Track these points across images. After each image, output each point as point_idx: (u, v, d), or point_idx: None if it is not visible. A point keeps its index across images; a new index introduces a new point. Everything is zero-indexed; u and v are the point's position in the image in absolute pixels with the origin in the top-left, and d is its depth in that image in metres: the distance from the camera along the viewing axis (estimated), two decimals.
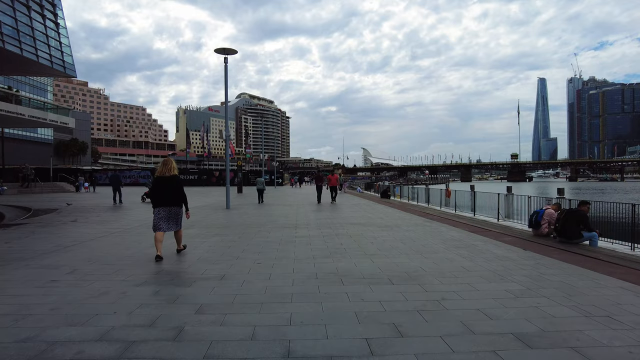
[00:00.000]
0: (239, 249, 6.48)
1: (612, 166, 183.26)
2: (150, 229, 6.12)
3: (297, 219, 10.96)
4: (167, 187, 5.75)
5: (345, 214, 12.52)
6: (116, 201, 17.62)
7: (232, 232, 8.41)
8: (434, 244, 6.88)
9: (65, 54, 41.68)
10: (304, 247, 6.63)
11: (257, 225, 9.56)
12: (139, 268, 5.09)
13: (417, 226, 9.47)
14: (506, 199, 14.77)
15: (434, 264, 5.30)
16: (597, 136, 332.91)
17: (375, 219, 10.99)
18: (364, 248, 6.51)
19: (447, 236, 7.87)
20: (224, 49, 14.56)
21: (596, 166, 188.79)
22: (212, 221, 10.37)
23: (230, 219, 11.20)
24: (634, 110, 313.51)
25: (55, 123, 39.20)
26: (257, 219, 11.22)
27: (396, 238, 7.57)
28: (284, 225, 9.52)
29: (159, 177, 5.81)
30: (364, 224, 9.90)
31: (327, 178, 20.84)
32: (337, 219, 11.02)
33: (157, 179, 5.83)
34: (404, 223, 10.09)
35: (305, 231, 8.57)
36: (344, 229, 8.87)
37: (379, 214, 12.51)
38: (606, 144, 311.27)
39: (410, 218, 11.43)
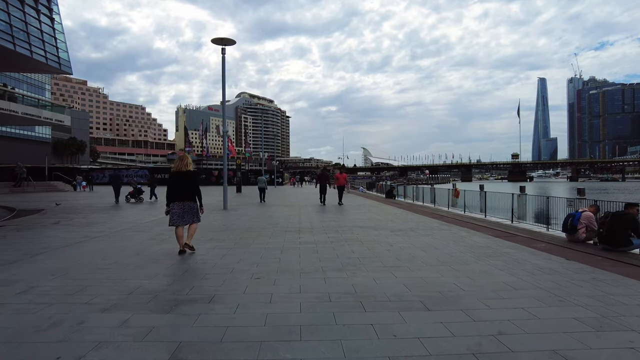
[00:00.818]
0: (234, 258, 5.54)
1: (612, 166, 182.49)
2: (137, 233, 6.72)
3: (300, 222, 10.03)
4: (182, 182, 5.81)
5: (352, 216, 11.58)
6: (117, 200, 16.91)
7: (228, 237, 7.47)
8: (460, 253, 5.95)
9: (60, 50, 40.73)
10: (311, 256, 5.69)
11: (256, 229, 8.63)
12: (111, 285, 4.15)
13: (433, 230, 8.54)
14: (519, 200, 13.85)
15: (469, 280, 4.38)
16: (597, 136, 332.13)
17: (385, 222, 10.05)
18: (381, 258, 5.57)
19: (471, 242, 6.94)
20: (221, 39, 13.63)
21: (597, 166, 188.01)
22: (207, 224, 9.42)
23: (227, 221, 10.26)
24: (634, 110, 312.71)
25: (50, 121, 38.26)
26: (257, 221, 10.29)
27: (414, 245, 6.64)
28: (286, 229, 8.59)
29: (175, 172, 5.85)
30: (374, 227, 8.97)
31: (334, 177, 18.40)
32: (343, 222, 10.09)
33: (173, 174, 5.87)
34: (418, 226, 9.16)
35: (310, 236, 7.64)
36: (353, 234, 7.94)
37: (388, 216, 11.58)
38: (606, 144, 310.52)
39: (423, 220, 10.50)
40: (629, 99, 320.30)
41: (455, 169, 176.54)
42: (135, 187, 17.60)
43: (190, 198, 5.87)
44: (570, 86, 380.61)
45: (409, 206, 16.22)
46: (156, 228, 8.77)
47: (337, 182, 17.36)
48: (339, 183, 17.08)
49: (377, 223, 9.72)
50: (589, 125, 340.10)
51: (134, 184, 17.84)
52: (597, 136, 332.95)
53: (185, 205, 5.82)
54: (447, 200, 19.05)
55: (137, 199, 17.45)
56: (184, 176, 5.83)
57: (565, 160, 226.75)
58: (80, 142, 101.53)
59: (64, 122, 40.46)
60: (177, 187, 5.79)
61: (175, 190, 5.79)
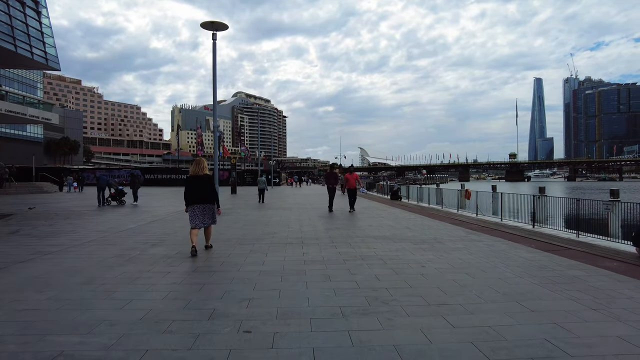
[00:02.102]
0: (215, 292, 4.01)
1: (608, 166, 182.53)
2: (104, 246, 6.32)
3: (302, 229, 8.55)
4: (200, 185, 6.02)
5: (361, 222, 10.11)
6: (100, 203, 15.53)
7: (212, 255, 5.98)
8: (518, 277, 4.50)
9: (47, 45, 39.03)
10: (322, 286, 4.20)
11: (250, 240, 7.15)
12: (29, 340, 2.66)
13: (463, 241, 7.09)
14: (538, 202, 12.49)
15: (565, 332, 2.91)
16: (592, 136, 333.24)
17: (401, 230, 8.59)
18: (418, 288, 4.10)
19: (519, 259, 5.50)
20: (211, 23, 12.12)
21: (595, 166, 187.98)
22: None
23: (216, 229, 8.76)
24: (629, 111, 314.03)
25: (36, 119, 36.49)
26: (252, 229, 8.80)
27: (452, 264, 5.18)
28: (286, 241, 7.10)
29: (192, 176, 6.08)
30: (391, 237, 7.50)
31: (344, 178, 14.81)
32: (353, 230, 8.62)
33: (190, 178, 6.09)
34: (441, 236, 7.70)
35: (316, 251, 6.15)
36: (369, 247, 6.47)
37: (401, 222, 10.13)
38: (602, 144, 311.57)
39: (443, 227, 9.05)
40: (625, 99, 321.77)
41: (453, 168, 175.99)
42: (116, 188, 16.06)
43: (209, 200, 6.11)
44: (566, 86, 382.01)
45: (419, 209, 14.79)
46: (130, 239, 7.26)
47: (346, 184, 14.10)
48: (349, 185, 13.77)
49: (393, 232, 8.24)
50: (585, 125, 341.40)
51: (114, 185, 16.30)
52: (592, 136, 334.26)
53: (206, 208, 6.09)
54: (457, 202, 17.73)
55: (119, 201, 15.90)
56: (201, 180, 6.06)
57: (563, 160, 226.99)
58: (73, 141, 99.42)
59: (52, 121, 38.67)
60: (195, 190, 6.03)
61: (193, 193, 6.03)
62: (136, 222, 10.11)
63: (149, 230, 8.62)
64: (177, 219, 10.91)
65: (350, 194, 13.50)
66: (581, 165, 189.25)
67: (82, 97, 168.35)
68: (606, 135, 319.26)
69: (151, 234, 7.92)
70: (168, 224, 9.74)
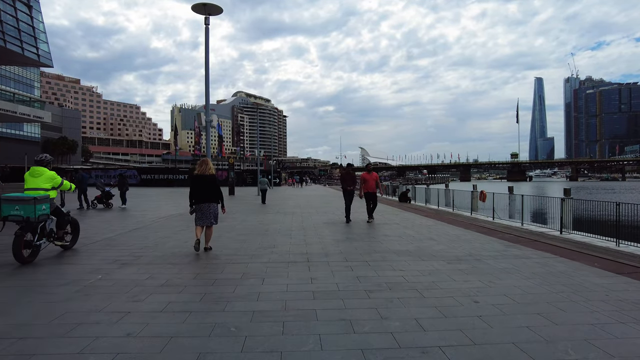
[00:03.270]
0: (187, 355, 2.70)
1: (610, 165, 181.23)
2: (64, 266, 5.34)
3: (307, 241, 7.22)
4: (206, 185, 6.18)
5: (375, 231, 8.76)
6: (82, 205, 14.26)
7: (193, 280, 4.65)
8: (618, 323, 3.17)
9: (39, 41, 37.72)
10: (343, 342, 2.82)
11: (243, 257, 5.81)
12: None
13: (506, 258, 5.76)
14: (565, 205, 11.19)
15: None
16: (593, 136, 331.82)
17: (425, 241, 7.26)
18: (488, 347, 2.73)
19: (594, 288, 4.17)
20: (203, 5, 10.80)
21: (597, 165, 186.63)
22: (171, 248, 6.60)
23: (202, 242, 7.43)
24: (630, 110, 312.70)
25: (27, 117, 35.18)
26: (246, 240, 7.47)
27: (513, 298, 3.83)
28: (287, 258, 5.77)
29: (198, 176, 6.23)
30: (417, 253, 6.17)
31: (360, 178, 11.57)
32: (367, 241, 7.29)
33: (196, 177, 6.23)
34: (477, 250, 6.37)
35: (327, 274, 4.82)
36: (394, 268, 5.13)
37: (421, 230, 8.79)
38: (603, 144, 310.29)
39: (473, 238, 7.72)
40: (626, 99, 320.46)
41: (454, 168, 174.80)
42: (102, 190, 14.72)
43: (213, 200, 6.24)
44: (567, 86, 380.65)
45: (435, 213, 13.45)
46: (99, 255, 5.92)
47: (365, 186, 10.74)
48: (367, 188, 10.66)
49: (417, 245, 6.90)
50: (586, 125, 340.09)
51: (100, 186, 14.97)
52: (593, 135, 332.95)
53: (210, 207, 6.19)
54: (469, 204, 16.45)
55: (106, 204, 14.57)
56: (207, 180, 6.20)
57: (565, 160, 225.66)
58: (71, 141, 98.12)
59: (44, 119, 37.41)
60: (201, 190, 6.16)
61: (199, 193, 6.16)
62: (116, 229, 8.79)
63: (128, 241, 7.30)
64: (164, 225, 9.59)
65: (368, 198, 10.62)
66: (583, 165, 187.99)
67: (80, 97, 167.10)
68: (607, 135, 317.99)
69: (127, 247, 6.60)
70: (152, 232, 8.42)
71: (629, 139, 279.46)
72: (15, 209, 5.39)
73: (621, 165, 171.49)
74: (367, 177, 10.75)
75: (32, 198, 5.36)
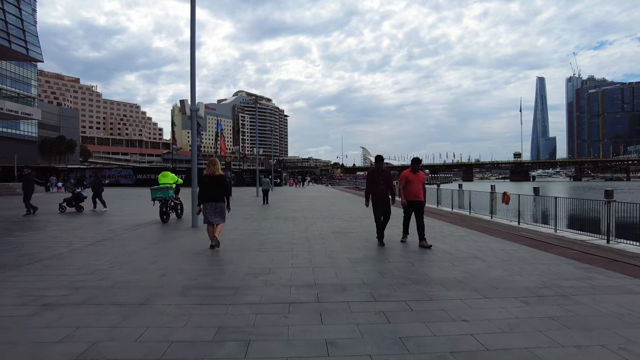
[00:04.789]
0: None
1: (614, 165, 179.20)
2: None
3: (313, 262, 5.43)
4: (215, 185, 6.32)
5: (399, 245, 7.00)
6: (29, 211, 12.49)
7: (134, 343, 2.88)
8: None
9: (28, 34, 36.02)
10: None
11: (222, 294, 4.05)
12: None
13: (597, 291, 3.99)
14: (609, 208, 9.50)
15: None
16: (596, 135, 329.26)
17: (471, 262, 5.48)
18: None
19: None
20: None
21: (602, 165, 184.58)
22: (128, 273, 4.86)
23: (175, 262, 5.68)
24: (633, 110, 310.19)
25: (14, 113, 33.45)
26: (231, 261, 5.72)
27: None
28: (288, 295, 3.97)
29: (207, 176, 6.36)
30: (470, 284, 4.39)
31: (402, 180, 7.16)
32: (394, 262, 5.53)
33: (205, 178, 6.36)
34: (549, 277, 4.59)
35: (350, 330, 3.02)
36: (451, 316, 3.36)
37: (458, 244, 7.00)
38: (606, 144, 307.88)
39: (528, 254, 5.94)
40: (628, 98, 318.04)
41: (456, 168, 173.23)
42: (72, 191, 12.99)
43: (221, 199, 6.40)
44: (569, 85, 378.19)
45: (459, 218, 11.70)
46: (25, 284, 4.15)
47: (407, 190, 7.07)
48: (411, 193, 7.03)
49: (463, 267, 5.11)
50: (588, 125, 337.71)
51: (70, 187, 13.24)
52: (595, 135, 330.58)
53: (217, 206, 6.37)
54: (489, 207, 14.75)
55: (77, 207, 12.83)
56: (216, 180, 6.36)
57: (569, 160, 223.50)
58: (69, 140, 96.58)
59: (33, 116, 35.72)
60: (210, 190, 6.32)
61: (208, 192, 6.33)
62: (74, 242, 7.04)
63: (78, 260, 5.56)
64: (139, 236, 7.84)
65: (412, 209, 6.96)
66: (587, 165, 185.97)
67: (80, 96, 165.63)
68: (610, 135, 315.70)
69: (70, 271, 4.87)
70: (118, 246, 6.68)
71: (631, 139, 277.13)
72: (159, 193, 10.29)
73: (625, 165, 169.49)
74: (412, 178, 6.95)
75: (167, 187, 10.39)
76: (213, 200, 6.31)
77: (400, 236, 7.33)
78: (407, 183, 7.02)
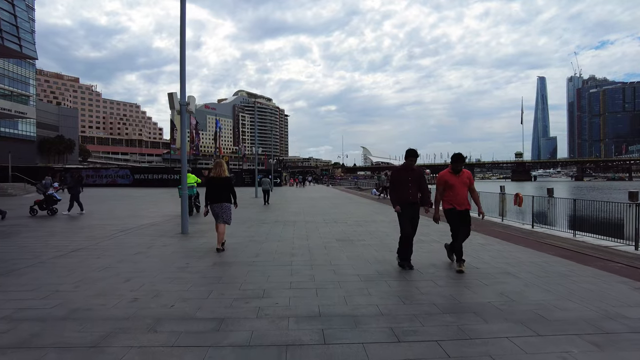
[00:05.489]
0: None
1: (616, 165, 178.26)
2: None
3: (315, 280, 4.58)
4: (221, 186, 6.45)
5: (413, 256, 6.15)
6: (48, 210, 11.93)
7: None
8: None
9: (22, 30, 35.17)
10: None
11: (207, 324, 3.21)
12: None
13: None
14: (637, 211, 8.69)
15: None
16: (596, 135, 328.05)
17: (504, 280, 4.61)
18: None
19: None
20: None
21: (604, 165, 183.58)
22: (100, 292, 4.01)
23: (155, 279, 4.83)
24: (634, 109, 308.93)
25: (7, 112, 32.58)
26: (220, 279, 4.87)
27: None
28: (282, 331, 3.14)
29: (214, 178, 6.48)
30: (513, 314, 3.51)
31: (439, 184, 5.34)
32: (413, 281, 4.68)
33: (212, 179, 6.50)
34: (612, 305, 3.69)
35: None
36: (495, 354, 2.54)
37: (479, 253, 6.13)
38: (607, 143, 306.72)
39: (566, 269, 5.08)
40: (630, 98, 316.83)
41: None
42: (43, 193, 12.05)
43: (228, 200, 6.52)
44: (570, 85, 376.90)
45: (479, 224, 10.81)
46: None
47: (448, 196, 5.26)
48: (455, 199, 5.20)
49: (496, 287, 4.23)
50: (589, 124, 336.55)
51: (40, 189, 12.33)
52: (596, 135, 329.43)
53: (224, 207, 6.48)
54: (501, 209, 13.94)
55: (50, 210, 11.90)
56: (222, 181, 6.47)
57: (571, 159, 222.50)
58: (68, 140, 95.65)
59: (27, 114, 34.80)
60: (216, 191, 6.43)
61: (215, 194, 6.44)
62: (44, 252, 6.17)
63: (39, 278, 4.71)
64: (120, 244, 6.98)
65: (458, 219, 5.20)
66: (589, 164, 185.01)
67: (79, 96, 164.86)
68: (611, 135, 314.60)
69: (23, 294, 4.01)
70: (92, 258, 5.81)
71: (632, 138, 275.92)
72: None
73: (628, 165, 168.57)
74: (454, 181, 5.19)
75: (192, 186, 12.12)
76: (220, 201, 6.41)
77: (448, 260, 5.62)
78: (446, 187, 5.22)
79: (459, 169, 5.27)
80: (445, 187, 5.26)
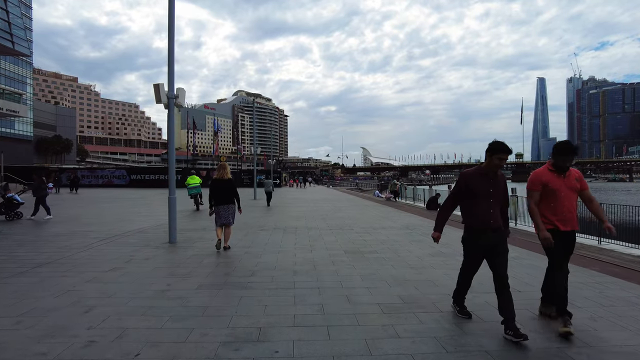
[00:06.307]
0: None
1: (617, 166, 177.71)
2: None
3: (325, 312, 3.64)
4: (224, 188, 6.65)
5: (441, 277, 5.20)
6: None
7: None
8: None
9: (13, 26, 34.23)
10: None
11: None
12: None
13: None
14: None
15: None
16: (596, 136, 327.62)
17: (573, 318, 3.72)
18: None
19: None
20: None
21: (604, 166, 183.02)
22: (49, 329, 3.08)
23: (123, 309, 3.89)
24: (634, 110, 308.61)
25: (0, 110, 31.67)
26: (209, 309, 3.93)
27: None
28: None
29: (217, 180, 6.66)
30: None
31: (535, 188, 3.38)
32: (447, 318, 3.75)
33: (215, 181, 6.67)
34: None
35: None
36: None
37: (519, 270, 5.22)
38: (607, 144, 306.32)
39: (627, 294, 4.19)
40: (629, 99, 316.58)
41: (457, 169, 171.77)
42: (3, 196, 11.00)
43: (231, 201, 6.71)
44: (570, 86, 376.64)
45: None
46: None
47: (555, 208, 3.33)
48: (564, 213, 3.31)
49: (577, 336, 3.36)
50: (589, 125, 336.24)
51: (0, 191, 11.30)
52: (596, 136, 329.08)
53: (228, 208, 6.64)
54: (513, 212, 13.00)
55: (9, 215, 10.88)
56: (226, 183, 6.65)
57: None
58: (65, 140, 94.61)
59: (19, 113, 33.86)
60: (220, 193, 6.62)
61: (219, 195, 6.62)
62: (1, 268, 5.24)
63: None
64: (94, 258, 6.03)
65: (561, 245, 3.32)
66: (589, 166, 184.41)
67: (78, 95, 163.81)
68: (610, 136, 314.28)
69: None
70: (57, 275, 4.87)
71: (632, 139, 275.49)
72: (193, 191, 14.96)
73: (628, 166, 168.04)
74: (557, 184, 3.36)
75: (197, 186, 14.99)
76: (224, 203, 6.58)
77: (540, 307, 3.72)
78: (545, 195, 3.38)
79: (566, 166, 3.36)
80: (543, 193, 3.37)
